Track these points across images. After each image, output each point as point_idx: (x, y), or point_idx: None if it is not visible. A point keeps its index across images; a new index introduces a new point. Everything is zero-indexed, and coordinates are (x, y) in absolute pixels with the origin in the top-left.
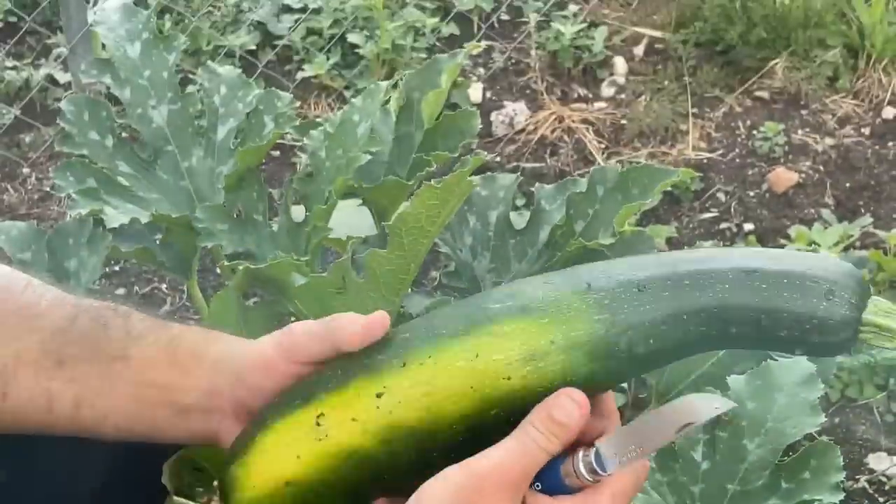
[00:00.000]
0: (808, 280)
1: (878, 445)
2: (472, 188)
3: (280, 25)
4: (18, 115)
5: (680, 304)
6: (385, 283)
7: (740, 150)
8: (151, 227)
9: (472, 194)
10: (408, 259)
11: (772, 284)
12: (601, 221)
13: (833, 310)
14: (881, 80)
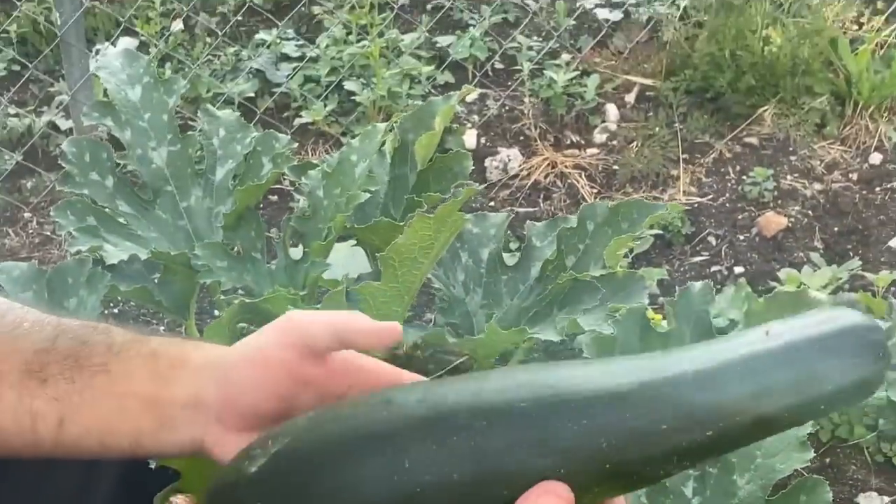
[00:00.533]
0: None
1: (868, 485)
2: (464, 224)
3: (278, 73)
4: (20, 160)
5: None
6: (380, 315)
7: (730, 195)
8: (150, 266)
9: (463, 232)
10: (402, 290)
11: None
12: (592, 256)
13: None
14: (868, 127)
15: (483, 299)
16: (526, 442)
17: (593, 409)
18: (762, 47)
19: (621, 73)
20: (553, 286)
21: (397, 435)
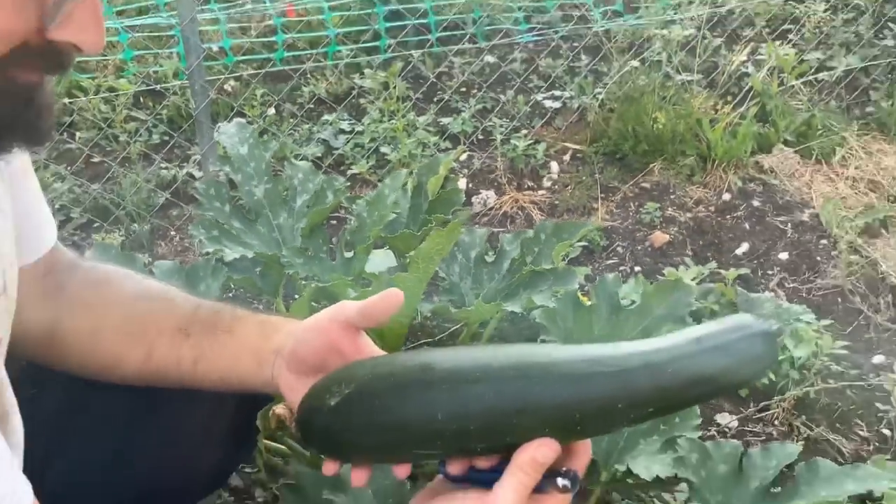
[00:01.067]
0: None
1: (722, 408)
2: (460, 235)
3: (337, 141)
4: (168, 197)
5: None
6: (407, 294)
7: (632, 220)
8: (253, 263)
9: (459, 240)
10: (422, 279)
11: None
12: (543, 256)
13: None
14: (721, 177)
15: (472, 284)
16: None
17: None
18: (652, 125)
19: (560, 141)
20: (518, 276)
21: (434, 384)
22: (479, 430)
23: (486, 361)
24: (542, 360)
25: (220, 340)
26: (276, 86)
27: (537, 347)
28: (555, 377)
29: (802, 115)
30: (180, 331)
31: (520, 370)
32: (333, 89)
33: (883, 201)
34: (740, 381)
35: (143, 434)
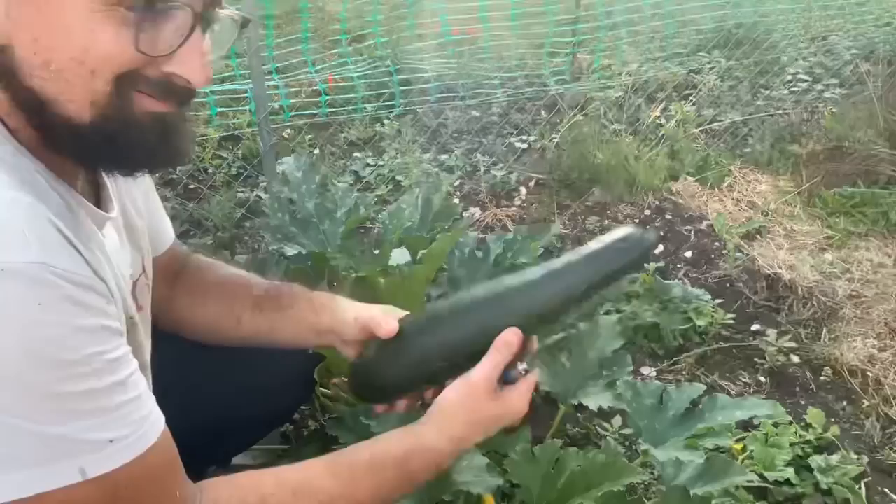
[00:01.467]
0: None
1: (644, 362)
2: (459, 237)
3: (364, 172)
4: (243, 213)
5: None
6: (420, 281)
7: (580, 230)
8: (306, 258)
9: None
10: (431, 270)
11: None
12: (520, 253)
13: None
14: (643, 197)
15: (466, 273)
16: (497, 313)
17: (525, 301)
18: (593, 160)
19: (527, 172)
20: (501, 267)
21: (446, 318)
22: (474, 344)
23: (471, 299)
24: (504, 290)
25: (285, 315)
26: (320, 132)
27: (500, 281)
28: (516, 297)
29: (700, 153)
30: (256, 306)
31: (495, 297)
32: (361, 135)
33: (758, 215)
34: (629, 266)
35: (240, 381)
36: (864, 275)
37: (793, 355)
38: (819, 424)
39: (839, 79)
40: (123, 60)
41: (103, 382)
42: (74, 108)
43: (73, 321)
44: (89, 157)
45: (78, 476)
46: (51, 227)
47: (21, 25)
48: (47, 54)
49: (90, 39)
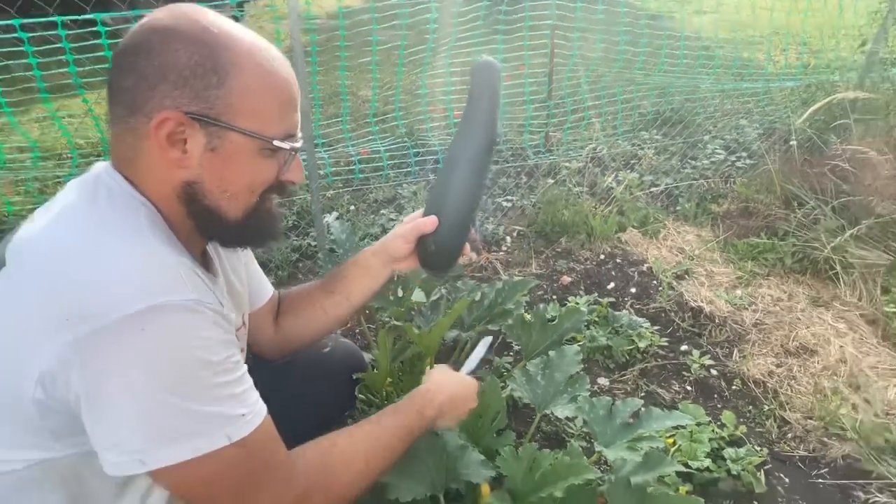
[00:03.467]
0: None
1: (601, 374)
2: (465, 305)
3: (389, 226)
4: (298, 257)
5: None
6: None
7: (550, 270)
8: None
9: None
10: (449, 323)
11: None
12: (508, 298)
13: None
14: (599, 245)
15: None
16: (460, 174)
17: None
18: (562, 216)
19: (511, 225)
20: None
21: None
22: (473, 197)
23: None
24: (457, 163)
25: (347, 283)
26: (354, 193)
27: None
28: (462, 159)
29: (642, 211)
30: (327, 292)
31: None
32: (385, 195)
33: (685, 260)
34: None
35: (304, 395)
36: (766, 307)
37: (712, 370)
38: (731, 424)
39: (748, 152)
40: (269, 181)
41: (234, 376)
42: (233, 213)
43: (217, 336)
44: (230, 240)
45: (226, 440)
46: (199, 279)
47: (210, 170)
48: (227, 186)
49: (255, 174)
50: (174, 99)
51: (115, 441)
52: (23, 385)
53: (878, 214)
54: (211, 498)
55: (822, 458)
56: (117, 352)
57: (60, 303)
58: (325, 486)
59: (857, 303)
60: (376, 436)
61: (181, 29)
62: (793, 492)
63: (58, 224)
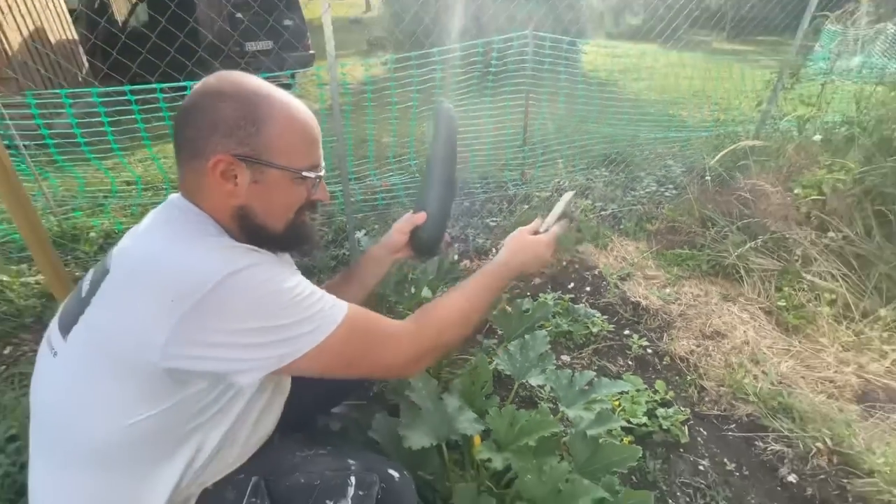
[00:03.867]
0: None
1: (563, 353)
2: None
3: None
4: (335, 264)
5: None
6: None
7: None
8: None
9: None
10: None
11: None
12: None
13: None
14: (563, 255)
15: None
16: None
17: None
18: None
19: (496, 240)
20: None
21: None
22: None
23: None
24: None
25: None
26: (379, 216)
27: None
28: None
29: (594, 229)
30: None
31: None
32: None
33: (627, 266)
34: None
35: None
36: (688, 301)
37: (647, 349)
38: (662, 390)
39: (674, 185)
40: (302, 201)
41: (309, 290)
42: (276, 226)
43: (282, 271)
44: (276, 247)
45: (333, 325)
46: (256, 252)
47: (256, 197)
48: (270, 208)
49: (290, 197)
50: (225, 145)
51: (250, 366)
52: (148, 356)
53: (771, 231)
54: (348, 364)
55: (731, 416)
56: (220, 313)
57: (164, 290)
58: (437, 327)
59: (756, 298)
60: (464, 292)
61: (225, 91)
62: (709, 442)
63: (145, 237)
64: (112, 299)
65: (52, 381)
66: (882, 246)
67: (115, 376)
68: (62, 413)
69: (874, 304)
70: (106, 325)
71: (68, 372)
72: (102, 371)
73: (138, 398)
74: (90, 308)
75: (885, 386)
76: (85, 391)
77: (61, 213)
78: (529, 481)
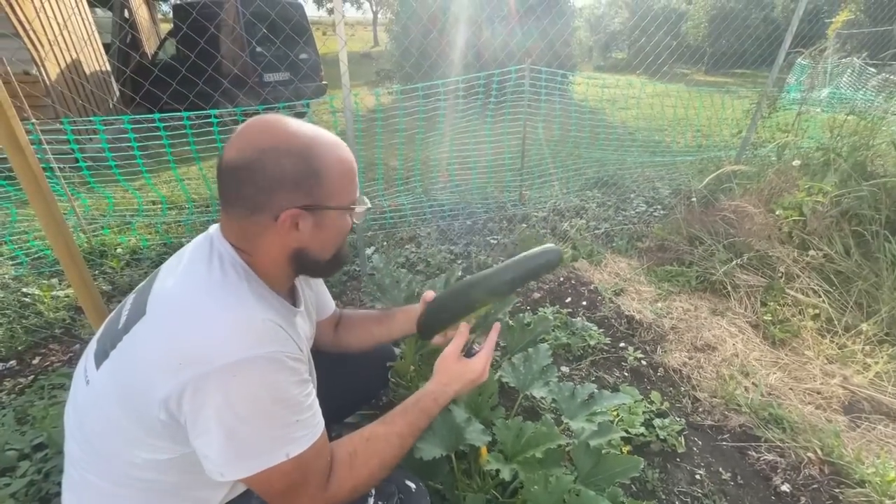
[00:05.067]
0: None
1: (563, 364)
2: None
3: (411, 258)
4: (345, 280)
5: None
6: None
7: (524, 289)
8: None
9: None
10: None
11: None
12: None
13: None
14: (560, 272)
15: None
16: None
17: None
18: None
19: (497, 256)
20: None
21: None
22: (468, 304)
23: (462, 284)
24: (476, 278)
25: (391, 321)
26: (387, 234)
27: (476, 275)
28: (482, 281)
29: (589, 247)
30: (377, 322)
31: (474, 281)
32: (408, 235)
33: (620, 282)
34: (545, 267)
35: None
36: (679, 315)
37: (642, 361)
38: (657, 401)
39: (662, 206)
40: (349, 227)
41: (302, 406)
42: (327, 255)
43: (292, 378)
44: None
45: (284, 457)
46: (281, 330)
47: (315, 238)
48: (326, 243)
49: (343, 228)
50: (290, 200)
51: (205, 454)
52: (150, 406)
53: (755, 250)
54: (267, 493)
55: (725, 426)
56: (214, 390)
57: (177, 350)
58: (352, 484)
59: (744, 313)
60: (388, 438)
61: (280, 147)
62: (704, 451)
63: (182, 284)
64: (137, 343)
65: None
66: (861, 264)
67: (126, 416)
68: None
69: (855, 318)
70: (126, 367)
71: (96, 403)
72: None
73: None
74: (121, 344)
75: (869, 397)
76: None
77: (91, 230)
78: (536, 492)
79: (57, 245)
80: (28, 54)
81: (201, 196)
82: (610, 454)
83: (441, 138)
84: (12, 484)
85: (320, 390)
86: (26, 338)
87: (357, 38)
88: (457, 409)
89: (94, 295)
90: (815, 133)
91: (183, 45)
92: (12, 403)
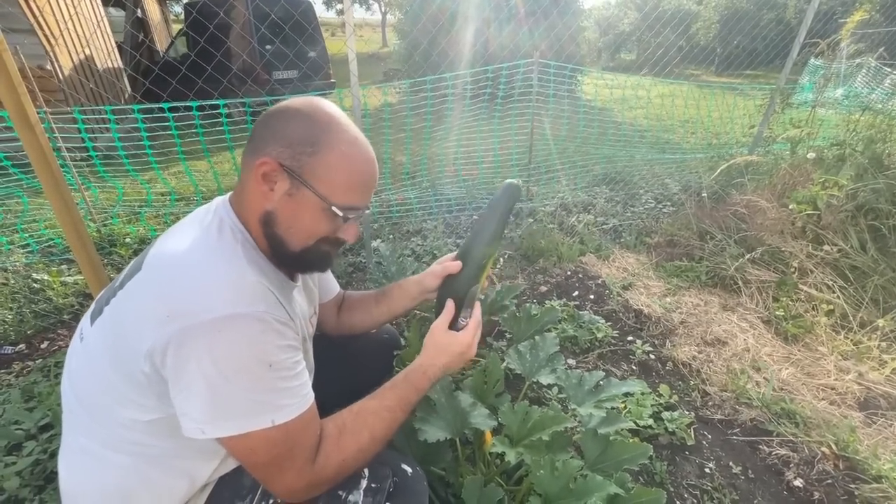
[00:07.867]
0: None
1: (569, 356)
2: None
3: (417, 249)
4: (352, 269)
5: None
6: None
7: (531, 282)
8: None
9: None
10: None
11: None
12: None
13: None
14: (567, 265)
15: None
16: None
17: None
18: (540, 244)
19: (505, 250)
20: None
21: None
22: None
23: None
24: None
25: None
26: (393, 226)
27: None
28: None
29: (597, 242)
30: (377, 302)
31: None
32: (415, 228)
33: (629, 276)
34: (513, 198)
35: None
36: (688, 310)
37: (650, 354)
38: (666, 394)
39: (671, 202)
40: (325, 234)
41: (289, 373)
42: (294, 246)
43: (279, 342)
44: (286, 263)
45: (269, 423)
46: (270, 294)
47: (284, 208)
48: (292, 224)
49: (315, 224)
50: (278, 153)
51: (186, 411)
52: (137, 359)
53: (767, 244)
54: (252, 463)
55: (735, 421)
56: (199, 344)
57: (166, 302)
58: (340, 458)
59: (755, 308)
60: (377, 412)
61: (304, 111)
62: (714, 445)
63: (178, 239)
64: (130, 297)
65: (77, 366)
66: (877, 259)
67: (115, 371)
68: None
69: (871, 314)
70: (118, 319)
71: (89, 357)
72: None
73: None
74: (115, 299)
75: (885, 394)
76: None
77: (100, 220)
78: (542, 476)
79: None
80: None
81: (209, 188)
82: (618, 441)
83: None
84: (18, 462)
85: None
86: (35, 322)
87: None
88: (462, 395)
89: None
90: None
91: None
92: (19, 383)
